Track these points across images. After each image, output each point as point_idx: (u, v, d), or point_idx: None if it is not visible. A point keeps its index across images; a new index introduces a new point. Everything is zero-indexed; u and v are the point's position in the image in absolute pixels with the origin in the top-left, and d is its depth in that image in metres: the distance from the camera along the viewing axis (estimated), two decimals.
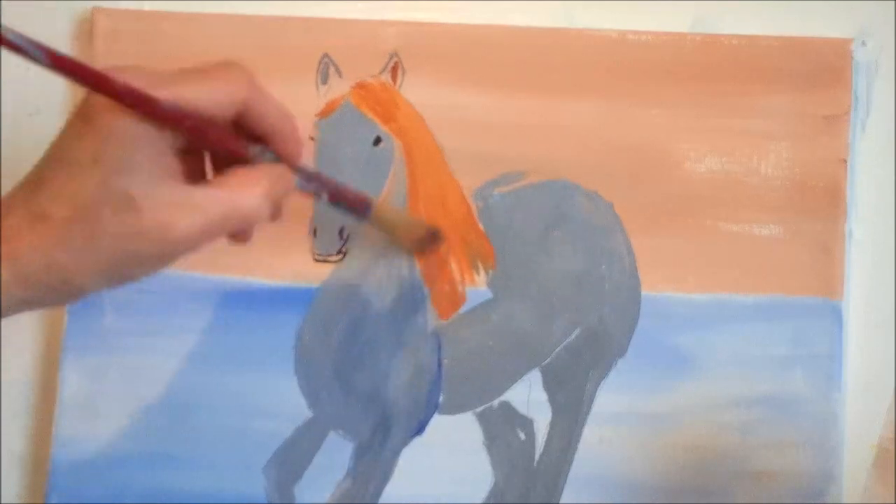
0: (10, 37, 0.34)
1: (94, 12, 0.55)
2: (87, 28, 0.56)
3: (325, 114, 0.54)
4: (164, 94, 0.35)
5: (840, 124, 0.53)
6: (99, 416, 0.54)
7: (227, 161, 0.40)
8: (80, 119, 0.36)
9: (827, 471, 0.51)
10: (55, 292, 0.36)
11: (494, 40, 0.54)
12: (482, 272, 0.53)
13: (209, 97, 0.37)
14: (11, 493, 0.55)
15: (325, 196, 0.44)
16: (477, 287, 0.53)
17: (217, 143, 0.38)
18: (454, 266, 0.53)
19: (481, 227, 0.54)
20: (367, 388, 0.53)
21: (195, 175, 0.40)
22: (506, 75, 0.54)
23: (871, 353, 0.53)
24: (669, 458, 0.52)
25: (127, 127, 0.35)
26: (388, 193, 0.53)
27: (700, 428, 0.52)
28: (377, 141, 0.53)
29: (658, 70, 0.54)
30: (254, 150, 0.39)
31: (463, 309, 0.53)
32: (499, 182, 0.54)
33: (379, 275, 0.53)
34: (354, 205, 0.46)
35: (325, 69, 0.54)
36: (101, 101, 0.35)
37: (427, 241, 0.52)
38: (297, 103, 0.53)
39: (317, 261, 0.53)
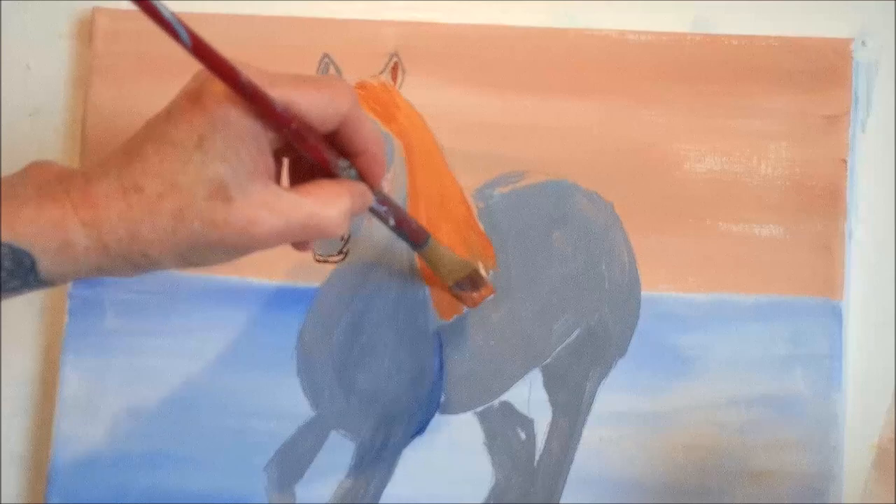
0: (163, 13, 0.35)
1: (94, 12, 0.55)
2: (87, 28, 0.56)
3: None
4: (277, 93, 0.36)
5: (840, 124, 0.53)
6: (99, 416, 0.54)
7: (308, 169, 0.41)
8: (191, 101, 0.36)
9: (827, 471, 0.51)
10: (130, 264, 0.37)
11: (494, 40, 0.54)
12: (483, 272, 0.53)
13: (317, 105, 0.37)
14: (11, 493, 0.55)
15: (392, 221, 0.45)
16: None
17: (313, 151, 0.39)
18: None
19: (481, 227, 0.54)
20: (369, 387, 0.53)
21: (277, 177, 0.40)
22: (506, 75, 0.54)
23: (871, 353, 0.53)
24: (669, 458, 0.52)
25: (237, 118, 0.36)
26: (388, 193, 0.53)
27: (700, 428, 0.52)
28: None
29: (658, 70, 0.54)
30: (342, 164, 0.40)
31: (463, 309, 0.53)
32: (499, 182, 0.54)
33: (380, 275, 0.53)
34: (414, 236, 0.47)
35: (325, 69, 0.54)
36: (214, 88, 0.36)
37: (464, 283, 0.52)
38: None
39: (317, 261, 0.53)
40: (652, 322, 0.53)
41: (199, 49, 0.35)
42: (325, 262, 0.53)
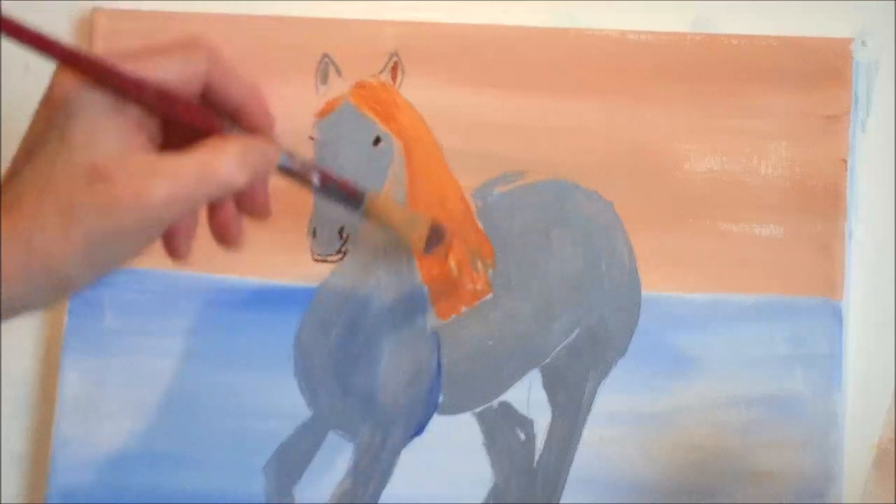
0: None
1: (94, 12, 0.55)
2: (87, 28, 0.56)
3: (324, 114, 0.54)
4: (128, 67, 0.35)
5: (840, 124, 0.53)
6: (99, 416, 0.54)
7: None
8: (45, 104, 0.36)
9: (827, 471, 0.51)
10: (40, 287, 0.35)
11: (494, 40, 0.54)
12: (482, 272, 0.53)
13: (171, 70, 0.36)
14: (11, 493, 0.55)
15: (315, 178, 0.42)
16: (477, 287, 0.53)
17: (184, 116, 0.37)
18: (454, 266, 0.53)
19: (481, 226, 0.54)
20: (367, 387, 0.53)
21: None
22: (506, 75, 0.54)
23: (871, 353, 0.53)
24: (669, 458, 0.52)
25: (91, 103, 0.35)
26: (388, 193, 0.53)
27: (700, 428, 0.52)
28: (377, 141, 0.53)
29: (658, 70, 0.54)
30: (225, 124, 0.38)
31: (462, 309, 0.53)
32: (498, 181, 0.54)
33: (378, 275, 0.53)
34: (348, 192, 0.45)
35: (325, 69, 0.54)
36: (62, 81, 0.35)
37: (432, 239, 0.51)
38: (296, 103, 0.54)
39: (316, 261, 0.53)
40: (652, 322, 0.53)
41: (28, 36, 0.35)
42: (324, 261, 0.53)
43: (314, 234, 0.53)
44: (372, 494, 0.52)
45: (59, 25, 0.56)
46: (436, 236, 0.51)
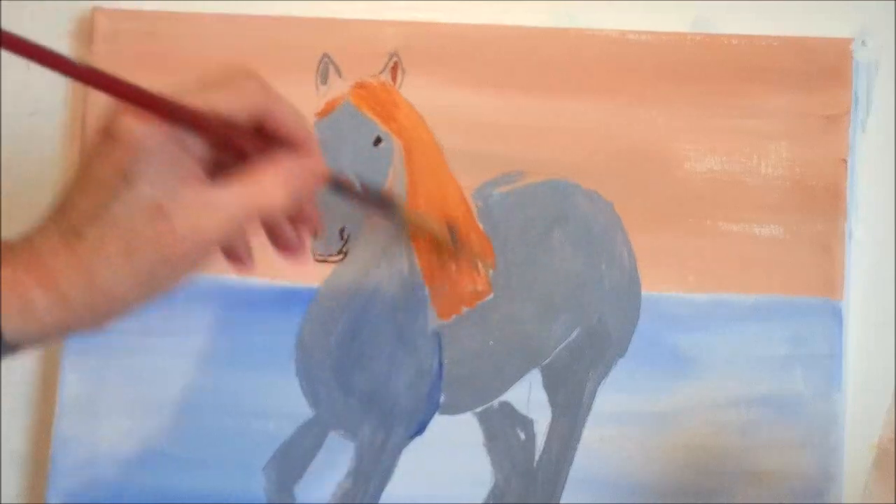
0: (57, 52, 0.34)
1: (94, 12, 0.55)
2: (87, 28, 0.56)
3: (324, 114, 0.54)
4: (188, 101, 0.36)
5: (840, 124, 0.53)
6: (99, 416, 0.54)
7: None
8: (104, 137, 0.36)
9: (827, 471, 0.51)
10: (94, 314, 0.36)
11: (494, 40, 0.54)
12: (482, 272, 0.53)
13: (229, 103, 0.38)
14: (11, 493, 0.55)
15: (360, 187, 0.45)
16: (478, 287, 0.53)
17: (241, 146, 0.39)
18: (454, 266, 0.53)
19: (481, 226, 0.54)
20: (367, 387, 0.53)
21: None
22: (506, 75, 0.54)
23: (871, 353, 0.53)
24: (669, 458, 0.52)
25: (152, 139, 0.36)
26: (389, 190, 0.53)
27: (700, 428, 0.52)
28: (377, 141, 0.53)
29: (658, 70, 0.54)
30: (276, 151, 0.40)
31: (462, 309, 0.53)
32: (498, 182, 0.54)
33: (379, 275, 0.53)
34: (385, 196, 0.48)
35: (325, 69, 0.54)
36: (125, 119, 0.36)
37: (452, 236, 0.52)
38: (297, 103, 0.54)
39: (317, 261, 0.53)
40: (652, 322, 0.53)
41: (90, 76, 0.35)
42: (325, 261, 0.53)
43: (315, 234, 0.53)
44: (372, 494, 0.52)
45: (59, 25, 0.56)
46: (453, 232, 0.52)
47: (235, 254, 0.43)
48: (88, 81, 0.35)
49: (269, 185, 0.38)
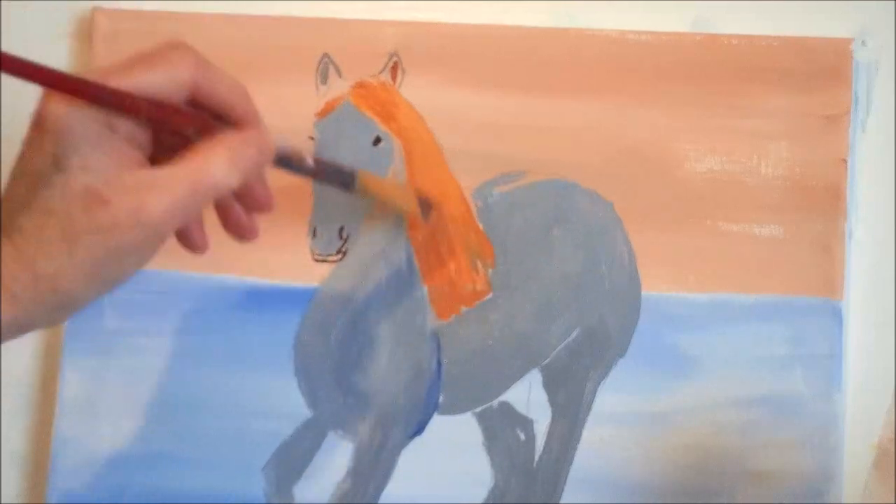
0: None
1: (94, 12, 0.55)
2: (87, 28, 0.56)
3: (324, 113, 0.54)
4: (115, 83, 0.35)
5: (840, 124, 0.53)
6: (99, 416, 0.54)
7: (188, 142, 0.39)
8: (35, 129, 0.36)
9: (827, 471, 0.51)
10: (46, 307, 0.35)
11: (494, 40, 0.54)
12: (482, 272, 0.53)
13: (159, 79, 0.36)
14: (11, 493, 0.55)
15: (310, 161, 0.43)
16: (477, 287, 0.53)
17: (179, 123, 0.37)
18: (453, 266, 0.53)
19: (481, 226, 0.54)
20: (367, 388, 0.53)
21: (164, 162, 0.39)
22: (506, 75, 0.54)
23: (871, 353, 0.53)
24: (669, 458, 0.52)
25: (82, 126, 0.35)
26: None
27: (700, 428, 0.52)
28: (377, 141, 0.53)
29: (658, 70, 0.54)
30: (217, 124, 0.38)
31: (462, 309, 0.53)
32: (498, 181, 0.54)
33: (378, 275, 0.53)
34: (340, 169, 0.47)
35: (325, 69, 0.54)
36: (52, 107, 0.35)
37: (423, 208, 0.52)
38: (296, 103, 0.54)
39: (316, 260, 0.53)
40: (652, 322, 0.53)
41: (13, 64, 0.35)
42: (324, 261, 0.53)
43: (314, 234, 0.53)
44: (372, 494, 0.52)
45: (59, 25, 0.56)
46: (425, 205, 0.52)
47: (188, 237, 0.42)
48: (4, 69, 0.34)
49: (213, 163, 0.37)
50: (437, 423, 0.53)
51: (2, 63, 0.35)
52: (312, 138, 0.54)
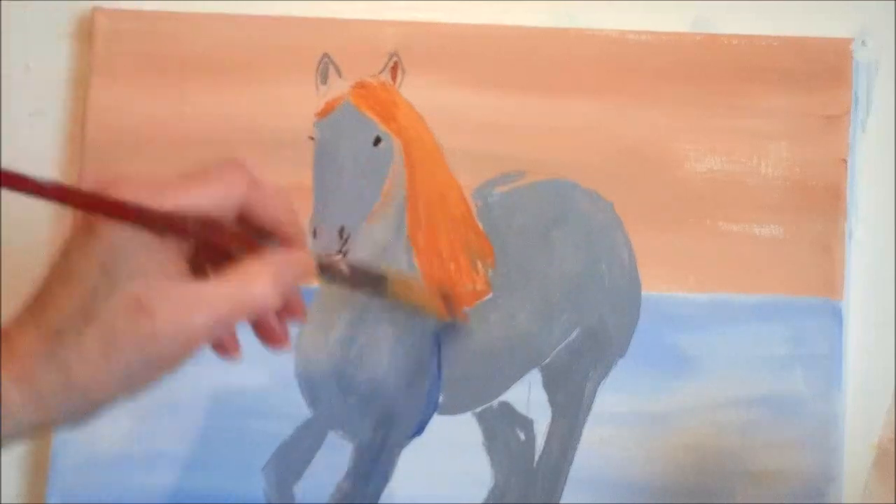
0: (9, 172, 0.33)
1: (94, 12, 0.55)
2: (87, 28, 0.56)
3: (324, 114, 0.54)
4: (168, 204, 0.36)
5: (840, 124, 0.53)
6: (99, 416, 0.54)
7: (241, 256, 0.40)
8: (84, 232, 0.35)
9: (827, 471, 0.51)
10: (71, 411, 0.35)
11: (494, 40, 0.54)
12: (482, 272, 0.53)
13: (209, 201, 0.37)
14: (11, 493, 0.55)
15: (345, 269, 0.45)
16: (477, 287, 0.53)
17: (223, 243, 0.38)
18: (454, 266, 0.53)
19: (481, 226, 0.54)
20: (367, 388, 0.53)
21: (205, 272, 0.40)
22: (506, 75, 0.54)
23: (871, 353, 0.53)
24: (669, 458, 0.52)
25: (132, 235, 0.35)
26: (388, 193, 0.53)
27: (700, 428, 0.52)
28: (377, 141, 0.53)
29: (658, 70, 0.54)
30: (261, 242, 0.39)
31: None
32: (498, 181, 0.54)
33: None
34: (371, 273, 0.48)
35: (325, 69, 0.54)
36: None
37: (447, 303, 0.52)
38: (296, 103, 0.54)
39: None
40: (652, 322, 0.53)
41: (57, 193, 0.34)
42: None
43: (314, 234, 0.53)
44: (372, 494, 0.52)
45: (59, 25, 0.56)
46: (447, 300, 0.52)
47: (222, 346, 0.41)
48: (58, 199, 0.34)
49: (257, 284, 0.37)
50: (437, 423, 0.53)
51: (59, 194, 0.34)
52: (312, 138, 0.54)
